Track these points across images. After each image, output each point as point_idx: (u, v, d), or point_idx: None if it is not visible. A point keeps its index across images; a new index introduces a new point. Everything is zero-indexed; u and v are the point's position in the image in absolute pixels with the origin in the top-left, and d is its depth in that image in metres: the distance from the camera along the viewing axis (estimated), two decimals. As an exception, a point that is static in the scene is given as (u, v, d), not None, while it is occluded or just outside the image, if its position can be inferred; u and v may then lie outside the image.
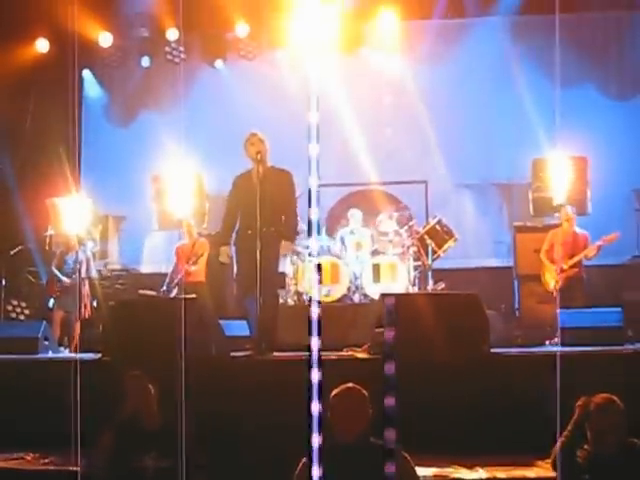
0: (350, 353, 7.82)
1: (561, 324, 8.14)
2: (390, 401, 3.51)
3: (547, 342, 8.88)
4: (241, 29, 13.09)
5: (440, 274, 11.01)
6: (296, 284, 10.86)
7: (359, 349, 7.86)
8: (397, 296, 9.02)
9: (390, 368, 3.54)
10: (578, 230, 10.06)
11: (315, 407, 3.11)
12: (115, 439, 5.66)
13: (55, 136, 11.57)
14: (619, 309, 8.35)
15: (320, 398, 4.31)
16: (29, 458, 6.76)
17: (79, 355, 8.30)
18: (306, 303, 10.61)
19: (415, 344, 6.75)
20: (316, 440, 3.12)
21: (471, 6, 12.70)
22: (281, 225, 8.07)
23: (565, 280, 9.81)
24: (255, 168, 8.09)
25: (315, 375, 3.08)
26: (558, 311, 8.72)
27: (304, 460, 4.21)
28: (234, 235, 8.23)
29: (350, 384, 4.75)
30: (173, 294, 10.42)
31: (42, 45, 12.85)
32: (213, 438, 6.09)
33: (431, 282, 10.82)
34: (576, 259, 9.83)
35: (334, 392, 4.63)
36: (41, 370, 7.96)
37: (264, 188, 7.88)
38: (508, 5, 12.56)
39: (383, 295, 8.08)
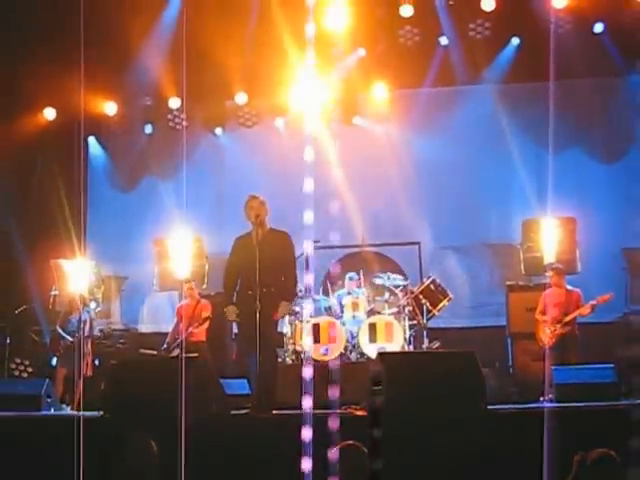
0: (349, 411, 7.67)
1: (555, 381, 8.01)
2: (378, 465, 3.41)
3: (541, 398, 8.73)
4: (240, 98, 13.16)
5: (435, 333, 10.92)
6: (294, 343, 10.73)
7: (357, 407, 7.72)
8: (395, 355, 8.92)
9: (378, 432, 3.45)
10: (570, 288, 10.00)
11: (307, 464, 3.02)
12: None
13: (61, 200, 11.57)
14: (612, 365, 8.24)
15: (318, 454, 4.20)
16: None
17: (81, 413, 8.15)
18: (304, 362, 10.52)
19: (412, 402, 6.64)
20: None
21: (460, 75, 12.78)
22: (280, 286, 8.01)
23: (559, 337, 9.71)
24: (255, 230, 8.08)
25: (307, 433, 2.98)
26: (547, 367, 8.61)
27: None
28: (235, 295, 8.20)
29: (350, 441, 4.64)
30: (174, 353, 10.30)
31: (49, 113, 12.89)
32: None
33: (426, 341, 10.73)
34: (570, 317, 9.75)
35: (334, 449, 4.53)
36: (43, 427, 7.80)
37: (263, 250, 7.87)
38: (495, 74, 12.70)
39: (380, 354, 7.99)
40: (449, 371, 7.12)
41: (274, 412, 7.60)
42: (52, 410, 8.87)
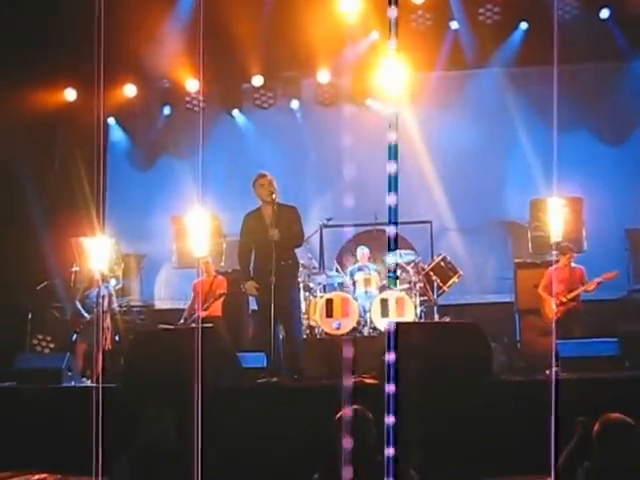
0: (359, 379, 7.70)
1: (561, 354, 8.00)
2: (390, 420, 3.39)
3: (547, 372, 8.72)
4: (256, 80, 13.15)
5: (445, 309, 10.91)
6: (308, 318, 10.74)
7: (367, 375, 7.76)
8: (401, 324, 8.92)
9: (391, 389, 3.43)
10: (574, 265, 10.03)
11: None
12: (132, 465, 5.52)
13: (81, 179, 11.57)
14: (615, 339, 8.22)
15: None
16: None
17: (102, 385, 8.20)
18: (317, 337, 10.55)
19: (419, 371, 6.65)
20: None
21: (471, 59, 12.75)
22: (295, 258, 8.29)
23: (564, 313, 9.73)
24: (264, 206, 8.16)
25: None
26: (554, 341, 8.59)
27: None
28: (251, 270, 8.26)
29: (356, 406, 4.66)
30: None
31: (70, 94, 12.92)
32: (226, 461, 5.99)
33: (437, 316, 10.73)
34: (575, 293, 9.80)
35: (341, 412, 4.54)
36: (65, 399, 7.86)
37: (277, 225, 7.95)
38: (505, 58, 12.68)
39: (389, 323, 8.02)
40: (454, 340, 7.20)
41: (293, 382, 7.72)
42: (73, 383, 8.90)
